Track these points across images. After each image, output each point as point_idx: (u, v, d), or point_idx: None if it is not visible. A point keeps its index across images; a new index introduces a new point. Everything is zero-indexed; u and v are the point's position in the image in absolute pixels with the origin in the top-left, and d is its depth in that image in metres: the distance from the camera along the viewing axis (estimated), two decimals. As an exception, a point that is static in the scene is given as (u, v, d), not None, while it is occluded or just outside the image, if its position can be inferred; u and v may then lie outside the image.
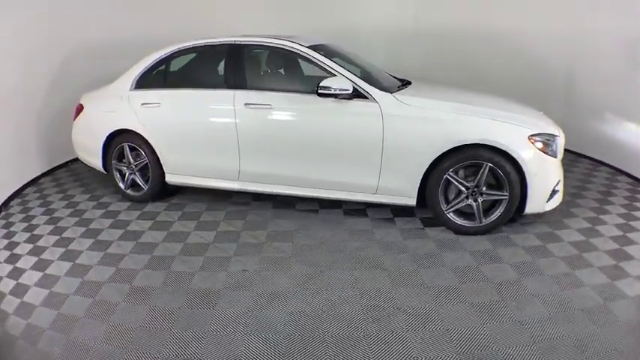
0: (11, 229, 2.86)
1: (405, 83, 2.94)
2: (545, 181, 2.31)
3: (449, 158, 2.35)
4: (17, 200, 3.37)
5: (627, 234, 2.40)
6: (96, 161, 3.31)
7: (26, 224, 2.91)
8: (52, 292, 2.10)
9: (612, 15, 3.42)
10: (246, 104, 2.67)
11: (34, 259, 2.43)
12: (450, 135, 2.32)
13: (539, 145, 2.27)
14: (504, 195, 2.34)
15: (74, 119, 3.40)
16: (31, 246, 2.58)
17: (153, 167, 3.07)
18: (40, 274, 2.27)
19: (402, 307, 1.85)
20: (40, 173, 3.86)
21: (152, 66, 3.06)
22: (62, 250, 2.52)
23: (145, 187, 3.16)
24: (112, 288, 2.10)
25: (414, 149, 2.40)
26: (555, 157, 2.35)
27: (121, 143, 3.13)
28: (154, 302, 1.96)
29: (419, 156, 2.40)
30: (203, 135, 2.85)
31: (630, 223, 2.53)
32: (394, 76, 3.16)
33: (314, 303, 1.90)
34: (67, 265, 2.34)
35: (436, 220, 2.58)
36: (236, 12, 4.71)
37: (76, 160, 4.31)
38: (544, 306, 1.82)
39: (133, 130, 3.03)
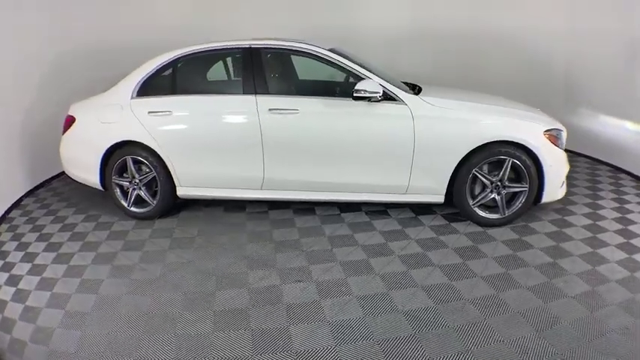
0: (7, 259, 2.50)
1: (412, 87, 3.05)
2: (558, 171, 2.58)
3: (476, 155, 2.53)
4: (4, 226, 2.96)
5: (626, 215, 2.77)
6: (92, 178, 3.01)
7: (22, 253, 2.57)
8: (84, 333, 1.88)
9: (613, 14, 3.57)
10: (270, 110, 2.63)
11: (47, 293, 2.14)
12: (478, 133, 2.50)
13: (552, 139, 2.54)
14: (525, 187, 2.58)
15: (63, 133, 3.07)
16: (37, 279, 2.27)
17: (162, 181, 2.87)
18: (62, 311, 2.01)
19: (469, 299, 1.97)
20: (22, 194, 3.42)
21: (156, 71, 2.88)
22: (77, 280, 2.24)
23: (153, 203, 2.95)
24: (157, 318, 1.95)
25: (445, 148, 2.54)
26: (563, 149, 2.64)
27: (123, 156, 2.89)
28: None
29: (449, 154, 2.55)
30: (222, 143, 2.74)
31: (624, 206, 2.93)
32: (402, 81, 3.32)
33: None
34: (92, 299, 2.09)
35: (462, 215, 2.75)
36: (233, 13, 4.60)
37: (56, 178, 3.94)
38: (585, 281, 2.05)
39: (138, 141, 2.82)
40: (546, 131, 2.54)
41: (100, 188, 3.05)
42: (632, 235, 2.50)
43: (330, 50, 2.81)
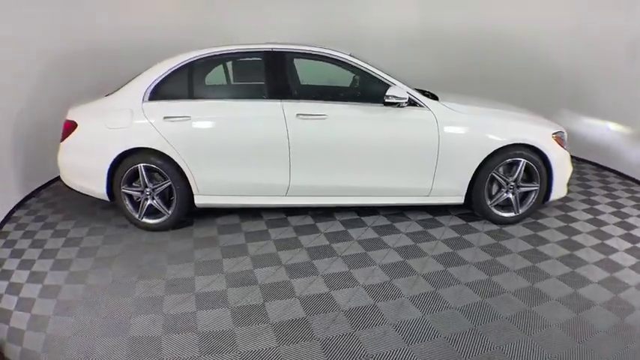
0: (12, 279, 2.27)
1: (425, 94, 3.25)
2: (565, 171, 2.87)
3: (494, 158, 2.75)
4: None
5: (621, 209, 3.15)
6: (97, 188, 2.83)
7: (27, 271, 2.34)
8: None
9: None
10: (298, 115, 2.66)
11: (70, 320, 2.00)
12: (497, 137, 2.71)
13: (559, 141, 2.83)
14: (536, 186, 2.84)
15: (62, 139, 2.86)
16: (53, 302, 2.10)
17: (179, 189, 2.78)
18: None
19: (511, 292, 2.14)
20: (13, 206, 3.11)
21: (170, 74, 2.78)
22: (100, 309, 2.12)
23: (168, 213, 2.83)
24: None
25: (467, 151, 2.73)
26: (566, 150, 2.94)
27: (135, 164, 2.76)
28: None
29: (471, 157, 2.74)
30: (246, 150, 2.71)
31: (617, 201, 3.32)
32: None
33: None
34: (124, 341, 1.99)
35: (479, 215, 2.95)
36: (239, 14, 4.53)
37: (45, 187, 3.64)
38: (604, 269, 2.32)
39: (153, 148, 2.71)
40: (554, 134, 2.82)
41: (106, 199, 2.88)
42: (629, 226, 2.85)
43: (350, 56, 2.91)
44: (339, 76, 3.23)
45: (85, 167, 2.84)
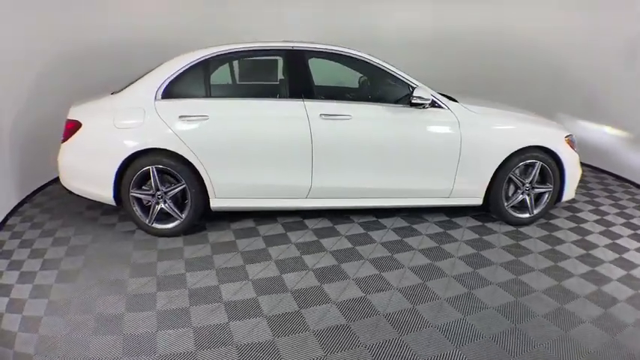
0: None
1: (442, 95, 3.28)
2: (576, 173, 3.02)
3: (512, 159, 2.85)
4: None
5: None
6: (103, 192, 2.69)
7: (30, 285, 2.19)
8: None
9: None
10: (322, 115, 2.65)
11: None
12: (515, 139, 2.81)
13: (570, 143, 2.98)
14: (550, 187, 2.97)
15: (63, 140, 2.71)
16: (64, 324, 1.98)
17: (194, 192, 2.70)
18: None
19: (541, 290, 2.22)
20: (7, 212, 2.91)
21: (185, 71, 2.69)
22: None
23: (181, 217, 2.74)
24: None
25: (487, 153, 2.81)
26: (577, 152, 3.09)
27: (146, 166, 2.65)
28: None
29: (490, 159, 2.82)
30: (267, 150, 2.67)
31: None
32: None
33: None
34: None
35: (496, 216, 3.04)
36: (251, 13, 4.46)
37: (39, 191, 3.45)
38: (620, 267, 2.45)
39: (166, 148, 2.62)
40: (566, 137, 2.97)
41: (112, 204, 2.75)
42: (635, 226, 3.03)
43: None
44: (351, 77, 3.27)
45: (89, 169, 2.70)
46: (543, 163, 2.89)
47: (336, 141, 2.68)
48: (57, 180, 3.81)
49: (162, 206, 2.73)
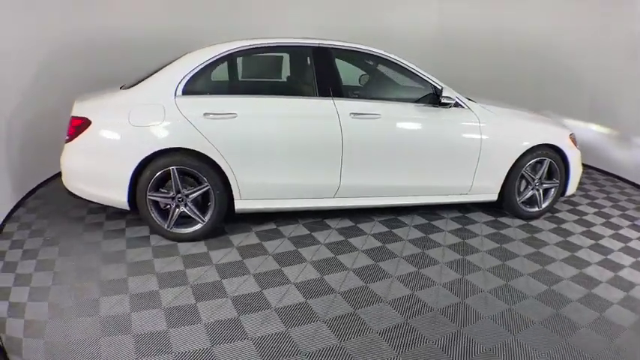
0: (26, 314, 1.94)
1: None
2: (579, 169, 3.32)
3: (525, 157, 3.07)
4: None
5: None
6: (116, 195, 2.55)
7: (48, 303, 2.02)
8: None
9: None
10: (352, 114, 2.70)
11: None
12: (529, 137, 3.02)
13: (573, 141, 3.26)
14: (557, 183, 3.24)
15: (69, 139, 2.52)
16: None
17: (219, 194, 2.63)
18: None
19: (568, 277, 2.42)
20: (3, 219, 2.65)
21: (206, 67, 2.62)
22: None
23: (203, 221, 2.66)
24: None
25: (504, 151, 3.00)
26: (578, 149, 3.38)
27: (166, 167, 2.54)
28: None
29: (507, 156, 3.02)
30: (297, 149, 2.66)
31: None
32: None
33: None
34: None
35: (508, 211, 3.25)
36: (263, 13, 4.39)
37: (31, 194, 3.21)
38: (627, 255, 2.74)
39: (190, 148, 2.53)
40: (570, 135, 3.25)
41: (126, 208, 2.61)
42: (632, 218, 3.38)
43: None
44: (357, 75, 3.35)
45: (101, 171, 2.54)
46: (552, 160, 3.15)
47: (365, 140, 2.74)
48: (48, 182, 3.63)
49: (184, 209, 2.64)
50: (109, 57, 3.87)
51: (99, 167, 2.53)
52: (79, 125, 2.51)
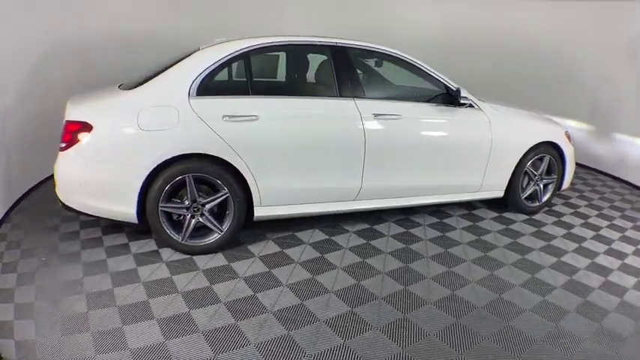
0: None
1: None
2: (573, 164, 3.59)
3: (528, 154, 3.27)
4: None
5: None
6: (122, 208, 2.37)
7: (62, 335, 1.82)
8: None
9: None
10: (375, 115, 2.71)
11: None
12: (532, 136, 3.22)
13: (568, 138, 3.54)
14: (554, 178, 3.50)
15: (65, 146, 2.29)
16: None
17: (238, 202, 2.53)
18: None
19: (583, 267, 2.61)
20: None
21: (221, 66, 2.50)
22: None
23: (221, 231, 2.55)
24: None
25: (511, 149, 3.17)
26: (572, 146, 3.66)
27: (182, 175, 2.39)
28: None
29: (513, 154, 3.20)
30: (319, 152, 2.62)
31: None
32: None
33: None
34: None
35: (511, 206, 3.44)
36: (261, 12, 4.25)
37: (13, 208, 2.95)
38: (628, 244, 3.02)
39: (209, 153, 2.40)
40: (565, 132, 3.53)
41: (133, 221, 2.43)
42: (621, 209, 3.72)
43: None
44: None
45: (104, 182, 2.34)
46: (551, 157, 3.39)
47: (387, 140, 2.76)
48: (29, 193, 3.33)
49: (200, 220, 2.50)
50: (99, 57, 3.77)
51: (102, 177, 2.33)
52: (78, 130, 2.29)
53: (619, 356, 1.87)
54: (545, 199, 3.50)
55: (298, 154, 2.59)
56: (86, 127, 2.29)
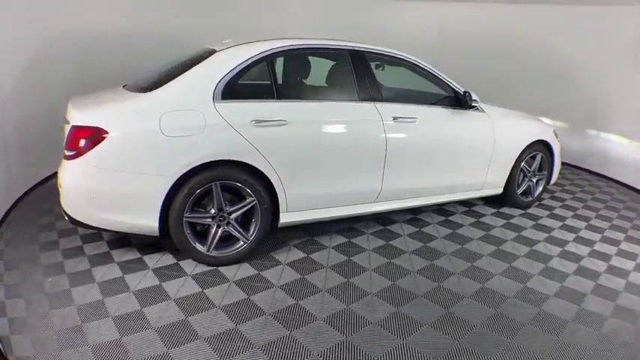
0: None
1: None
2: (560, 160, 3.97)
3: (524, 152, 3.57)
4: None
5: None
6: (143, 220, 2.29)
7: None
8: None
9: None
10: (394, 118, 2.83)
11: None
12: (528, 135, 3.53)
13: (555, 136, 3.90)
14: (544, 174, 3.84)
15: (74, 154, 2.17)
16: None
17: (265, 209, 2.52)
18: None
19: (586, 255, 2.91)
20: None
21: (245, 68, 2.48)
22: None
23: (248, 240, 2.53)
24: None
25: (510, 148, 3.44)
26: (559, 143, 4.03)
27: (210, 183, 2.35)
28: None
29: (512, 153, 3.47)
30: (344, 155, 2.69)
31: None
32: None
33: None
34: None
35: (508, 201, 3.71)
36: (262, 14, 4.17)
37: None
38: (617, 232, 3.40)
39: (239, 160, 2.38)
40: (553, 130, 3.89)
41: (155, 234, 2.34)
42: (604, 200, 4.14)
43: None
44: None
45: (124, 193, 2.23)
46: (543, 154, 3.73)
47: (405, 143, 2.89)
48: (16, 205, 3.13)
49: (226, 229, 2.46)
50: (93, 56, 3.73)
51: (121, 188, 2.22)
52: (90, 137, 2.16)
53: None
54: (537, 193, 3.83)
55: (325, 159, 2.64)
56: (100, 132, 2.16)
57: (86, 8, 3.83)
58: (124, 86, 2.70)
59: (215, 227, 2.44)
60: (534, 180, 3.78)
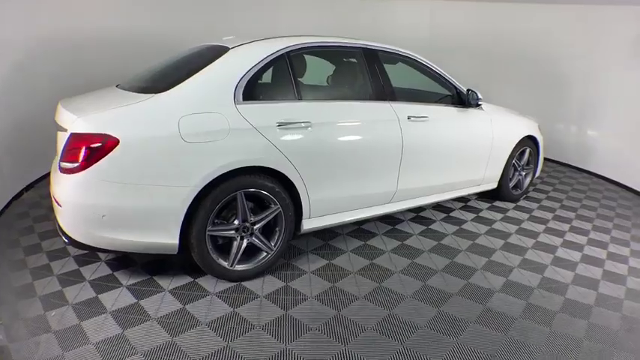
0: None
1: None
2: (543, 154, 4.31)
3: (516, 147, 3.83)
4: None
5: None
6: (161, 237, 2.15)
7: None
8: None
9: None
10: (409, 117, 2.89)
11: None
12: (519, 131, 3.78)
13: (540, 130, 4.22)
14: (532, 167, 4.15)
15: (76, 167, 1.97)
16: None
17: (290, 216, 2.46)
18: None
19: (583, 244, 3.20)
20: None
21: (264, 67, 2.42)
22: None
23: (271, 250, 2.46)
24: None
25: (504, 144, 3.66)
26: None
27: (234, 192, 2.25)
28: None
29: (506, 148, 3.70)
30: (365, 157, 2.71)
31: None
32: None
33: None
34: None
35: (501, 195, 3.96)
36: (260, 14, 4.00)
37: None
38: (606, 220, 3.77)
39: (264, 165, 2.30)
40: (538, 125, 4.20)
41: (174, 252, 2.20)
42: (583, 190, 4.56)
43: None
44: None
45: (141, 209, 2.06)
46: (530, 149, 4.03)
47: (419, 142, 2.97)
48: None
49: (250, 240, 2.37)
50: (87, 55, 3.67)
51: (136, 203, 2.05)
52: (96, 146, 1.96)
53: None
54: (525, 186, 4.13)
55: (348, 161, 2.64)
56: (109, 141, 1.97)
57: (79, 8, 3.74)
58: (117, 86, 2.49)
59: (239, 239, 2.34)
60: (523, 173, 4.07)
